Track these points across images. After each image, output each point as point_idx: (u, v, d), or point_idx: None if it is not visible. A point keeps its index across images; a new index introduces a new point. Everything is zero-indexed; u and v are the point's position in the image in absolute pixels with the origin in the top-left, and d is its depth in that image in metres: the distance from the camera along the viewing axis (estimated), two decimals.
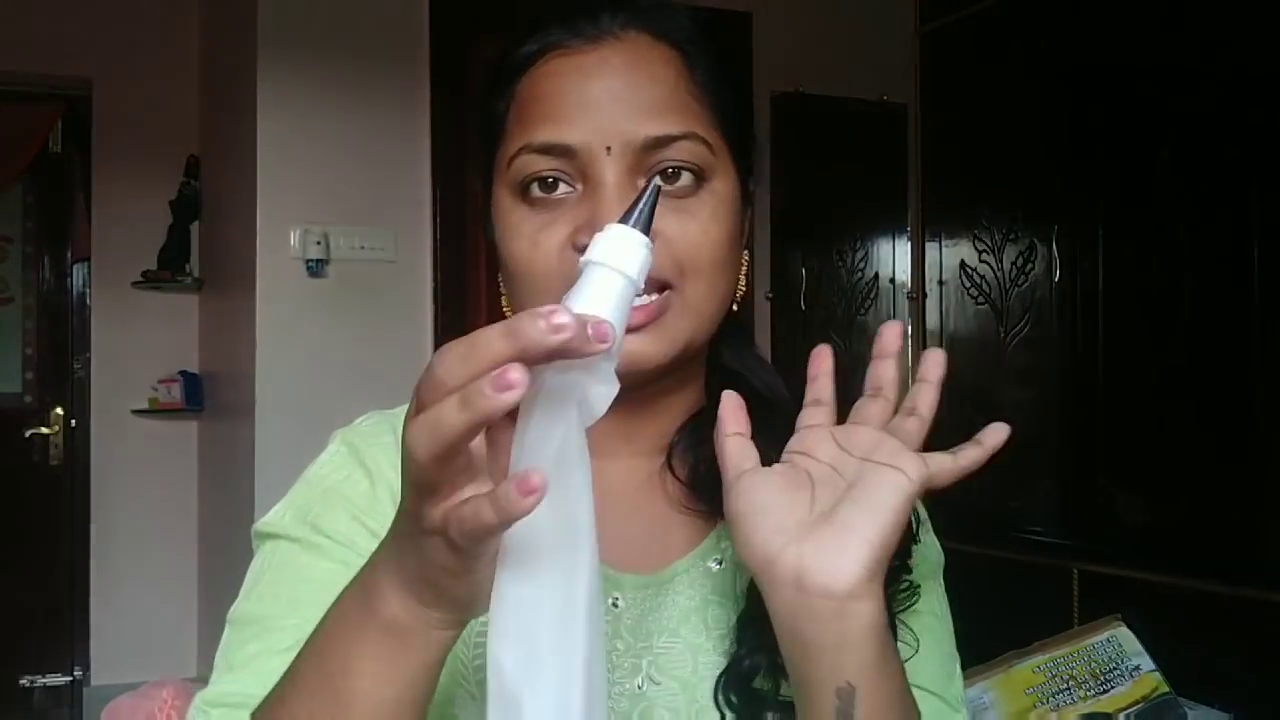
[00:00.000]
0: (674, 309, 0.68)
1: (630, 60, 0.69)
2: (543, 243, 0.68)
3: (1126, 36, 2.99)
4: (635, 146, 0.67)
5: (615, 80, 0.68)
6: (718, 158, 0.70)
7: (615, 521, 0.73)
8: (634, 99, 0.68)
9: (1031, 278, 3.25)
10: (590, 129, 0.67)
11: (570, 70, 0.69)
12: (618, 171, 0.67)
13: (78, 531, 3.91)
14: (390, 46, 3.17)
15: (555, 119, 0.68)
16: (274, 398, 3.04)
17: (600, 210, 0.66)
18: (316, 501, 0.73)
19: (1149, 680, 1.57)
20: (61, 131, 3.95)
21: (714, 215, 0.69)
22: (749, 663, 0.68)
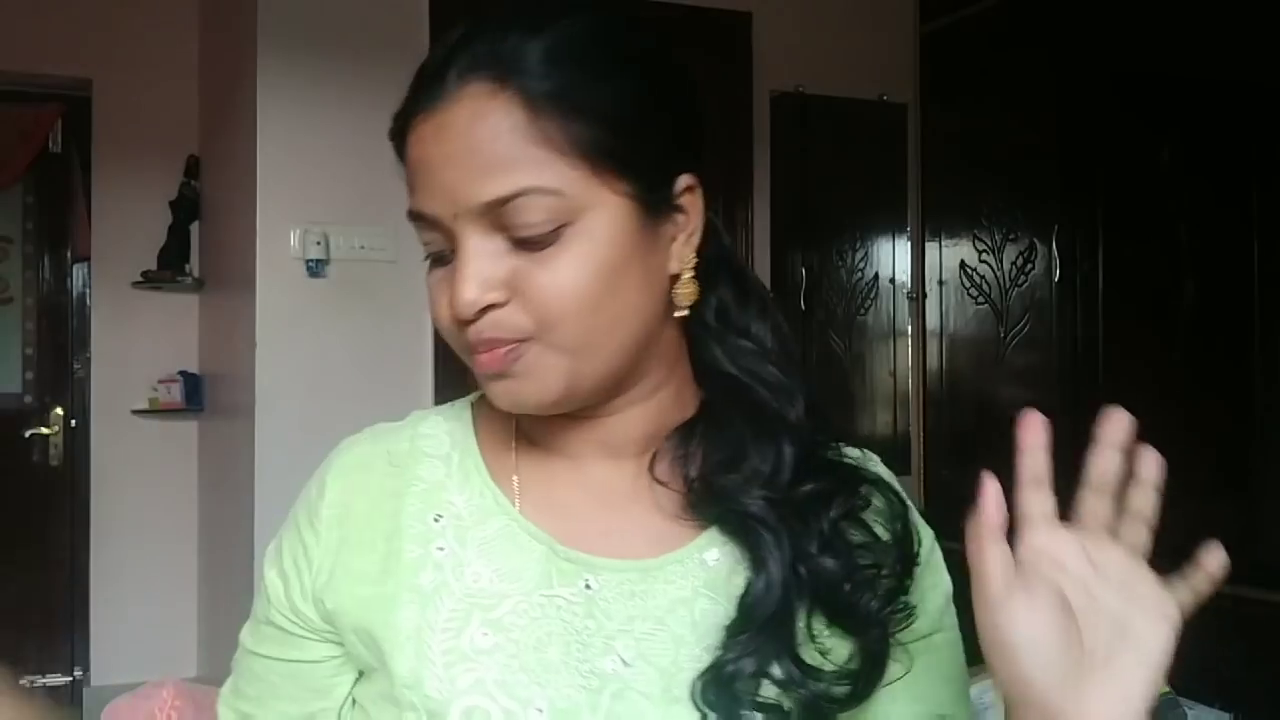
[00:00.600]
0: (533, 354, 0.69)
1: (468, 118, 0.67)
2: (439, 303, 0.71)
3: (1126, 36, 2.99)
4: (476, 210, 0.67)
5: (455, 144, 0.67)
6: (577, 196, 0.67)
7: (597, 515, 0.75)
8: (470, 161, 0.67)
9: (1031, 278, 3.25)
10: (437, 199, 0.69)
11: (418, 140, 0.70)
12: (471, 236, 0.68)
13: (77, 532, 3.91)
14: (390, 47, 3.17)
15: (416, 190, 0.70)
16: (274, 398, 3.04)
17: (458, 275, 0.68)
18: (288, 534, 0.80)
19: None
20: (61, 131, 3.95)
21: (578, 259, 0.67)
22: (733, 667, 0.69)
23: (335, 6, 3.12)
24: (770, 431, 0.74)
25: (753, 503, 0.72)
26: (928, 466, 3.67)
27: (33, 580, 3.93)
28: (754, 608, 0.70)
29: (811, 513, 0.73)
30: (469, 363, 0.72)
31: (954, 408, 3.57)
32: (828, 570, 0.71)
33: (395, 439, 0.80)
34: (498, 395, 0.71)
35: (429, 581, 0.74)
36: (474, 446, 0.79)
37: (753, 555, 0.72)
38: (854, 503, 0.76)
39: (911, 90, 3.71)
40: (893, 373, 3.73)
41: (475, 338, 0.69)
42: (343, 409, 2.97)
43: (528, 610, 0.72)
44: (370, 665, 0.76)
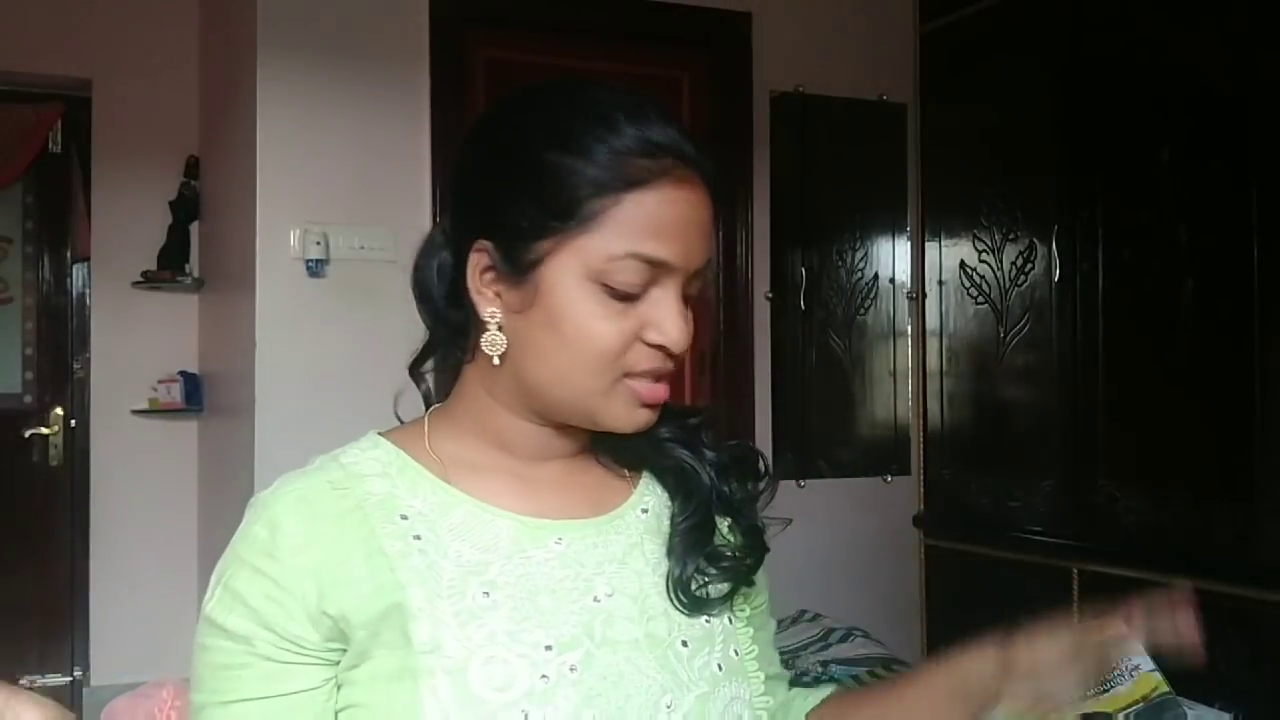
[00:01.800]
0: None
1: (702, 197, 0.86)
2: (620, 331, 0.83)
3: (1126, 36, 2.99)
4: (696, 269, 0.86)
5: (698, 213, 0.85)
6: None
7: (555, 491, 0.91)
8: (703, 233, 0.86)
9: (1031, 278, 3.25)
10: (683, 252, 0.84)
11: (682, 202, 0.84)
12: (680, 285, 0.85)
13: (77, 532, 3.91)
14: (390, 46, 3.17)
15: (665, 237, 0.83)
16: (274, 398, 3.04)
17: (673, 319, 0.84)
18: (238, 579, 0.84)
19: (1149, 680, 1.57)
20: (61, 131, 3.95)
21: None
22: (679, 571, 0.90)
23: (335, 7, 3.12)
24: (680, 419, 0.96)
25: (664, 431, 0.93)
26: (927, 466, 3.67)
27: (33, 580, 3.93)
28: (680, 524, 0.93)
29: (698, 431, 0.96)
30: (611, 391, 0.85)
31: (953, 408, 3.57)
32: (715, 463, 0.95)
33: (324, 471, 0.88)
34: (638, 420, 0.87)
35: (420, 563, 0.84)
36: (410, 461, 0.89)
37: (678, 474, 0.94)
38: (715, 428, 0.98)
39: (911, 90, 3.71)
40: (893, 373, 3.73)
41: (666, 367, 0.86)
42: (343, 409, 2.97)
43: (512, 570, 0.85)
44: (372, 652, 0.81)
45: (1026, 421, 3.29)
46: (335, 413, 2.94)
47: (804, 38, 3.61)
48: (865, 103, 3.67)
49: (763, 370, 3.56)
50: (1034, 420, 3.25)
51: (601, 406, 0.86)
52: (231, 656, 0.82)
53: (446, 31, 3.19)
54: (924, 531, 3.67)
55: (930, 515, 3.65)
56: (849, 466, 3.65)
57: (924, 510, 3.67)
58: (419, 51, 3.19)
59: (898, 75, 3.70)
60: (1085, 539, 3.07)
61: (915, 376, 3.72)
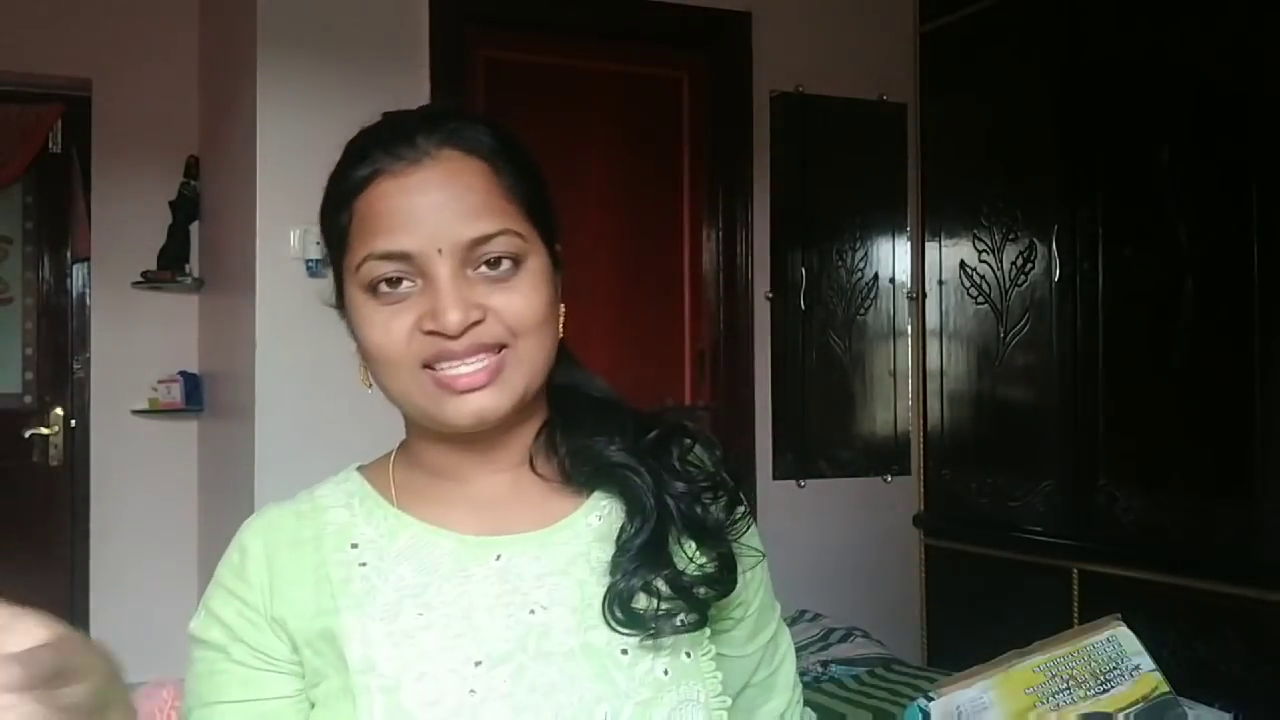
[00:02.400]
0: (510, 364, 0.85)
1: (447, 175, 0.85)
2: (394, 330, 0.85)
3: (1126, 36, 2.99)
4: (462, 246, 0.83)
5: (438, 194, 0.84)
6: (529, 243, 0.86)
7: (498, 508, 0.91)
8: (455, 207, 0.84)
9: (1031, 278, 3.25)
10: (422, 236, 0.83)
11: (398, 190, 0.84)
12: (450, 267, 0.83)
13: (77, 532, 3.90)
14: (390, 46, 3.17)
15: (391, 230, 0.84)
16: (274, 398, 3.04)
17: (441, 302, 0.82)
18: (212, 593, 0.91)
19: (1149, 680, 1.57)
20: (61, 131, 3.95)
21: (533, 287, 0.86)
22: (624, 585, 0.86)
23: (335, 6, 3.12)
24: (608, 413, 0.94)
25: (616, 454, 0.91)
26: (927, 466, 3.67)
27: (33, 580, 3.93)
28: (628, 541, 0.88)
29: (660, 453, 0.92)
30: (419, 385, 0.85)
31: (953, 408, 3.57)
32: (681, 493, 0.90)
33: (296, 503, 0.94)
34: (461, 411, 0.85)
35: (360, 589, 0.87)
36: (371, 491, 0.93)
37: (628, 495, 0.90)
38: (684, 442, 0.94)
39: (911, 90, 3.72)
40: (893, 373, 3.73)
41: (460, 347, 0.83)
42: (343, 409, 2.96)
43: (451, 589, 0.87)
44: (325, 672, 0.87)
45: (1026, 421, 3.29)
46: (335, 412, 2.95)
47: (804, 38, 3.61)
48: (865, 103, 3.67)
49: (763, 370, 3.56)
50: (1034, 420, 3.26)
51: (421, 403, 0.86)
52: (212, 665, 0.88)
53: (446, 31, 3.20)
54: (924, 531, 3.67)
55: (930, 515, 3.65)
56: (849, 466, 3.65)
57: (924, 510, 3.68)
58: (419, 51, 3.19)
59: (898, 75, 3.70)
60: (1085, 539, 3.07)
61: (915, 376, 3.72)
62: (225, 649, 0.87)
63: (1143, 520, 2.90)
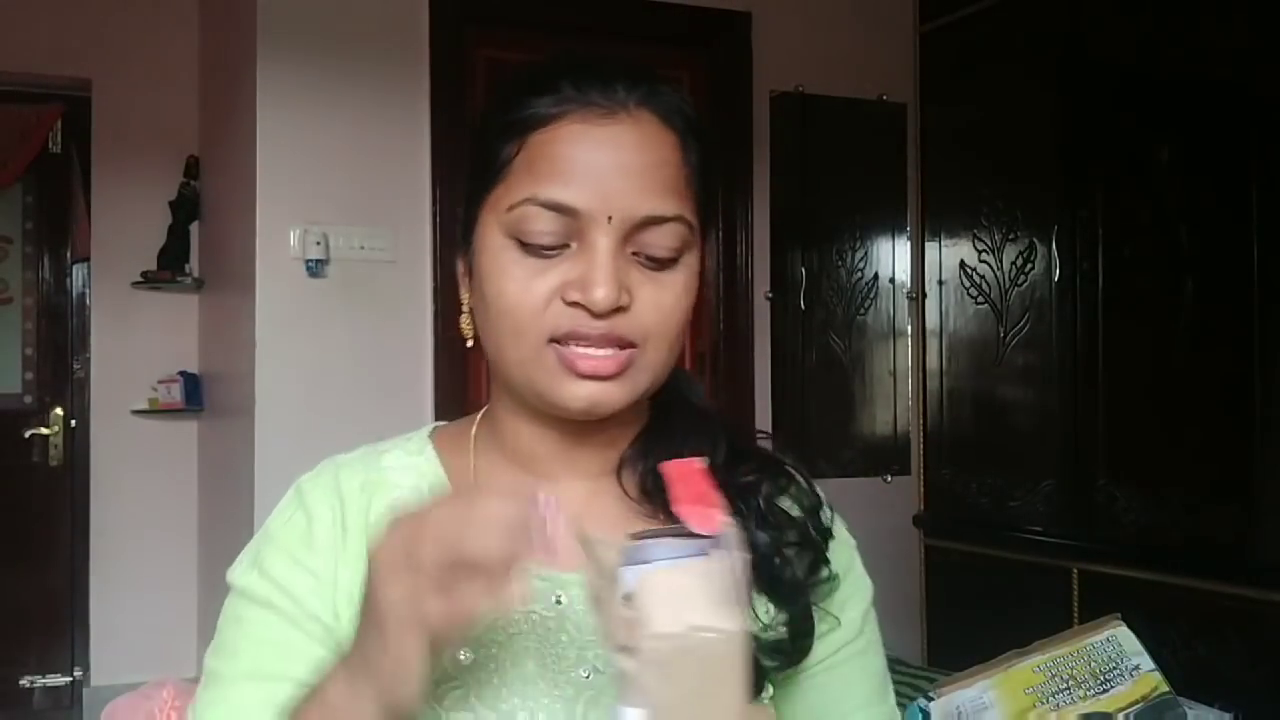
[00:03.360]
0: (638, 364, 0.76)
1: (640, 139, 0.75)
2: (534, 289, 0.75)
3: (1126, 36, 2.99)
4: (633, 220, 0.74)
5: (625, 155, 0.74)
6: (694, 236, 0.78)
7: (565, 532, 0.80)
8: (639, 176, 0.74)
9: (1031, 278, 3.25)
10: (596, 196, 0.73)
11: (585, 138, 0.74)
12: (613, 239, 0.74)
13: (77, 532, 3.90)
14: (390, 46, 3.17)
15: (565, 180, 0.73)
16: (274, 398, 3.04)
17: (595, 274, 0.73)
18: (265, 549, 0.83)
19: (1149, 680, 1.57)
20: (61, 131, 3.95)
21: (685, 288, 0.78)
22: None
23: (335, 6, 3.12)
24: (704, 429, 0.84)
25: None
26: (927, 466, 3.67)
27: (33, 580, 3.93)
28: None
29: (748, 494, 0.82)
30: (540, 358, 0.76)
31: (954, 408, 3.57)
32: (763, 545, 0.80)
33: (362, 469, 0.84)
34: (577, 395, 0.76)
35: None
36: (443, 478, 0.84)
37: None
38: (779, 483, 0.84)
39: (911, 90, 3.71)
40: (892, 373, 3.73)
41: (596, 332, 0.74)
42: (343, 409, 2.97)
43: (504, 628, 0.77)
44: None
45: (1026, 421, 3.29)
46: (335, 413, 2.95)
47: (804, 38, 3.61)
48: (865, 103, 3.67)
49: (763, 370, 3.56)
50: (1034, 420, 3.25)
51: (537, 378, 0.76)
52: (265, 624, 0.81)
53: (446, 31, 3.20)
54: (924, 531, 3.67)
55: (930, 515, 3.65)
56: (849, 466, 3.65)
57: (924, 510, 3.67)
58: (419, 51, 3.19)
59: (898, 75, 3.70)
60: (1085, 539, 3.07)
61: (915, 376, 3.72)
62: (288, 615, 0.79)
63: (1143, 520, 2.90)
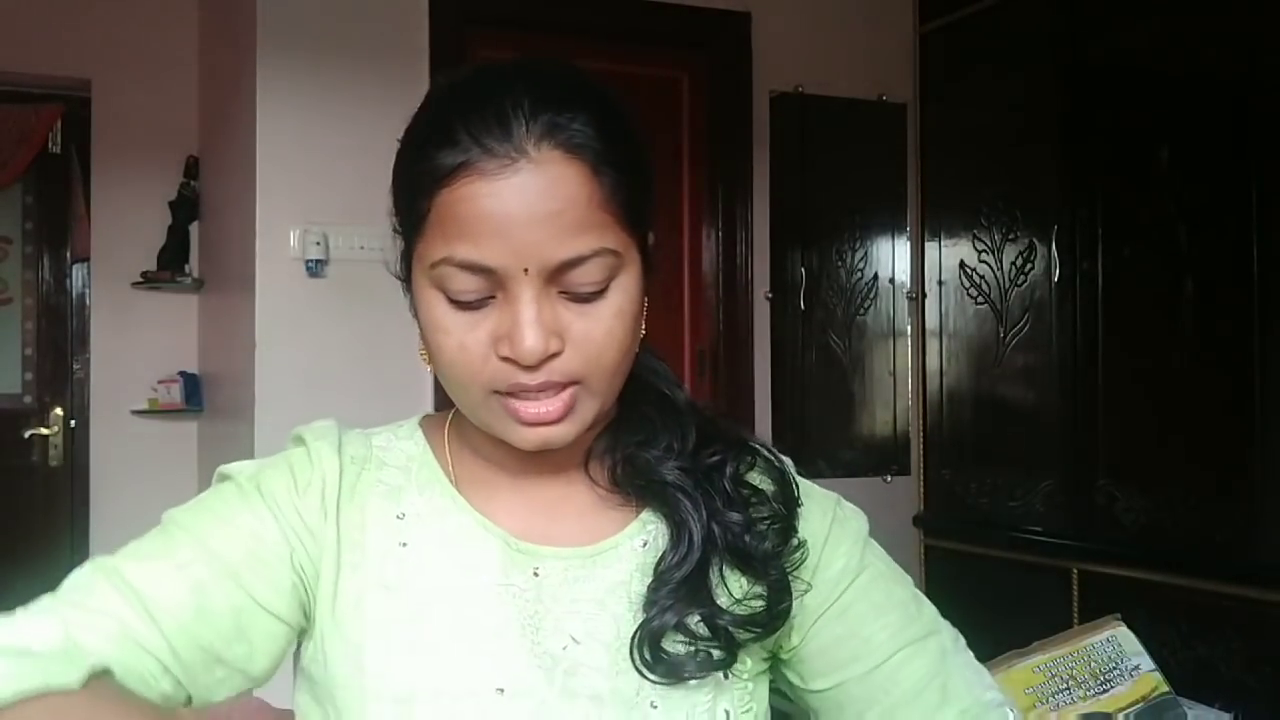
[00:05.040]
0: (582, 399, 0.77)
1: (545, 184, 0.72)
2: (469, 345, 0.76)
3: (1126, 36, 2.99)
4: (549, 268, 0.73)
5: (531, 205, 0.72)
6: (623, 256, 0.76)
7: (540, 515, 0.84)
8: (549, 223, 0.72)
9: (1031, 278, 3.25)
10: (508, 252, 0.72)
11: (489, 195, 0.72)
12: (534, 288, 0.74)
13: (77, 532, 3.90)
14: (390, 47, 3.17)
15: (475, 240, 0.73)
16: (274, 398, 3.04)
17: (517, 329, 0.73)
18: (270, 466, 0.86)
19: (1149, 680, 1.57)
20: (61, 131, 3.95)
21: (619, 313, 0.76)
22: (657, 623, 0.78)
23: (335, 7, 3.12)
24: (673, 414, 0.86)
25: (669, 473, 0.82)
26: (927, 466, 3.67)
27: (33, 580, 3.92)
28: (667, 571, 0.80)
29: (713, 474, 0.83)
30: (487, 407, 0.77)
31: (953, 408, 3.57)
32: (733, 522, 0.82)
33: (354, 443, 0.88)
34: (529, 439, 0.77)
35: (393, 576, 0.81)
36: (431, 458, 0.87)
37: (674, 520, 0.82)
38: (742, 461, 0.86)
39: (911, 90, 3.71)
40: (892, 373, 3.73)
41: (533, 382, 0.75)
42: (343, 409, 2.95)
43: (486, 599, 0.80)
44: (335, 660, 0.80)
45: (1026, 421, 3.29)
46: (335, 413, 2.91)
47: (804, 38, 3.61)
48: (865, 103, 3.67)
49: (762, 370, 3.56)
50: (1034, 420, 3.25)
51: (488, 422, 0.79)
52: (224, 492, 0.86)
53: (446, 31, 3.20)
54: (924, 531, 3.67)
55: (930, 515, 3.65)
56: (849, 466, 3.65)
57: (924, 510, 3.67)
58: (419, 51, 3.19)
59: (898, 75, 3.70)
60: (1085, 539, 3.07)
61: (915, 376, 3.72)
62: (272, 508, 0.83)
63: (1143, 520, 2.90)
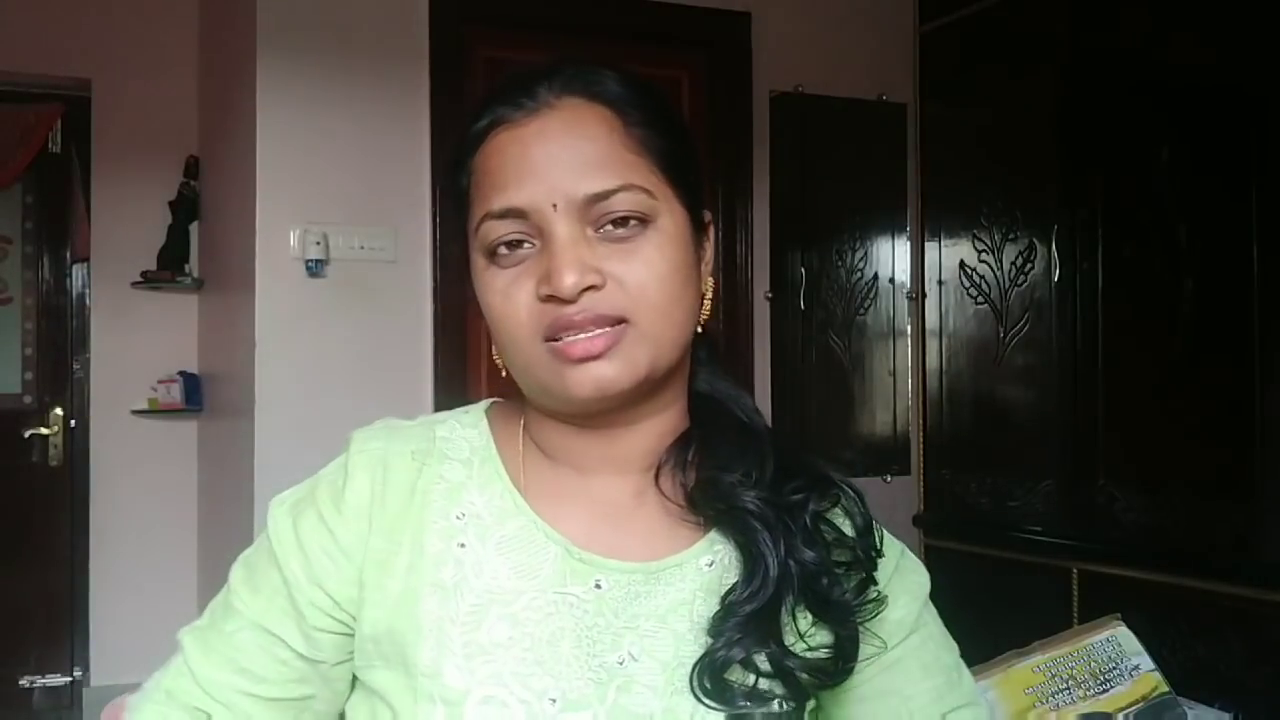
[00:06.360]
0: (629, 338, 0.76)
1: (566, 124, 0.77)
2: (513, 296, 0.77)
3: (1126, 36, 2.99)
4: (578, 202, 0.75)
5: (553, 145, 0.76)
6: (660, 200, 0.78)
7: (605, 522, 0.83)
8: (572, 159, 0.76)
9: (1031, 278, 3.25)
10: (536, 191, 0.76)
11: (513, 142, 0.77)
12: (567, 224, 0.75)
13: (77, 532, 3.91)
14: (390, 46, 3.17)
15: (504, 186, 0.77)
16: (274, 398, 3.04)
17: (555, 262, 0.75)
18: (304, 501, 0.84)
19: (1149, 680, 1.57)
20: (61, 131, 3.95)
21: (660, 252, 0.77)
22: (723, 655, 0.76)
23: (335, 7, 3.12)
24: (753, 442, 0.84)
25: (751, 502, 0.80)
26: (927, 466, 3.66)
27: (33, 580, 3.93)
28: (737, 603, 0.78)
29: (795, 510, 0.81)
30: (540, 358, 0.77)
31: (953, 408, 3.57)
32: (810, 563, 0.79)
33: (415, 437, 0.86)
34: (582, 381, 0.76)
35: (450, 577, 0.80)
36: (494, 452, 0.85)
37: (749, 551, 0.80)
38: (826, 501, 0.84)
39: (911, 90, 3.71)
40: (892, 373, 3.73)
41: (576, 314, 0.75)
42: (343, 409, 2.97)
43: (543, 606, 0.79)
44: (383, 661, 0.80)
45: (1026, 421, 3.29)
46: (335, 413, 2.94)
47: (804, 38, 3.61)
48: (865, 103, 3.67)
49: (763, 370, 3.56)
50: (1034, 420, 3.25)
51: (543, 378, 0.78)
52: (272, 585, 0.84)
53: (446, 31, 3.20)
54: (924, 531, 3.67)
55: (930, 515, 3.65)
56: (849, 466, 3.62)
57: (924, 510, 3.67)
58: (419, 51, 3.19)
59: (898, 75, 3.70)
60: (1085, 539, 3.07)
61: (915, 376, 3.72)
62: (289, 586, 0.82)
63: (1143, 520, 2.90)
